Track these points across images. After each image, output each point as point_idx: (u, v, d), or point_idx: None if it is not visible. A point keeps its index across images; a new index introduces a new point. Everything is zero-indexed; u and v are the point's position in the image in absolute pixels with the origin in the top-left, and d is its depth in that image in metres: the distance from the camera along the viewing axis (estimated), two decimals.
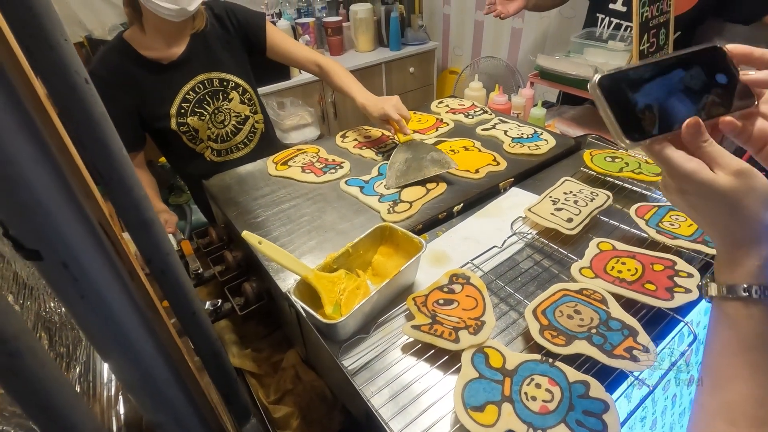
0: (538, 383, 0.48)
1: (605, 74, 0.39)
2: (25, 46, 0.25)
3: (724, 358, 0.36)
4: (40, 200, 0.26)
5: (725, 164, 0.35)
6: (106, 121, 0.28)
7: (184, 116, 1.03)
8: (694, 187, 0.36)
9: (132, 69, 0.97)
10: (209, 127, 1.08)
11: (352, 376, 0.52)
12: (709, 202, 0.36)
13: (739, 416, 0.34)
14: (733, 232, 0.36)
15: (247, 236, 0.59)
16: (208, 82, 1.05)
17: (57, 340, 0.44)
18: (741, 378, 0.35)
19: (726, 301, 0.36)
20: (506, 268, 0.67)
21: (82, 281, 0.30)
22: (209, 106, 1.06)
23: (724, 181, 0.34)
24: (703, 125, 0.36)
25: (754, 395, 0.34)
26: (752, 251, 0.35)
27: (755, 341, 0.35)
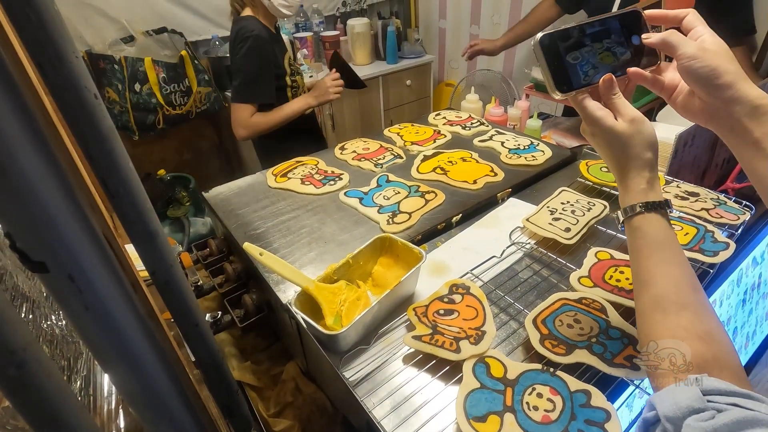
0: (539, 393, 0.48)
1: (545, 33, 0.46)
2: (38, 63, 0.25)
3: (642, 262, 0.44)
4: (48, 213, 0.27)
5: (624, 113, 0.46)
6: (113, 135, 0.29)
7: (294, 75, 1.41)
8: (599, 130, 0.46)
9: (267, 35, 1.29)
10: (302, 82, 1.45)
11: (353, 387, 0.52)
12: (610, 142, 0.46)
13: (667, 304, 0.41)
14: (625, 164, 0.46)
15: (248, 248, 0.59)
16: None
17: (57, 353, 0.43)
18: (658, 274, 0.43)
19: (630, 219, 0.45)
20: (506, 278, 0.67)
21: (87, 293, 0.31)
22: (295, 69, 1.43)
23: (620, 127, 0.45)
24: (615, 81, 0.46)
25: (671, 283, 0.42)
26: (638, 178, 0.45)
27: (660, 241, 0.43)
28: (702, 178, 1.02)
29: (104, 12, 1.88)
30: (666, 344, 0.38)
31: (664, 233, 0.44)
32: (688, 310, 0.40)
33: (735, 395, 0.33)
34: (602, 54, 0.48)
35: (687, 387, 0.35)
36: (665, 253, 0.43)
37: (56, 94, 0.27)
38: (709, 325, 0.40)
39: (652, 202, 0.44)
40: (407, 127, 1.18)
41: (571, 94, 0.47)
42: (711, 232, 0.69)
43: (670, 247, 0.43)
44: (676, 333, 0.39)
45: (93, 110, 0.27)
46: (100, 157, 0.28)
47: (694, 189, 0.82)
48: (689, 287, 0.41)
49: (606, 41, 0.48)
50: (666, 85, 0.48)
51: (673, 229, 0.45)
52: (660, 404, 0.35)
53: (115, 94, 1.88)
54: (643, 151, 0.45)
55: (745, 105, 0.41)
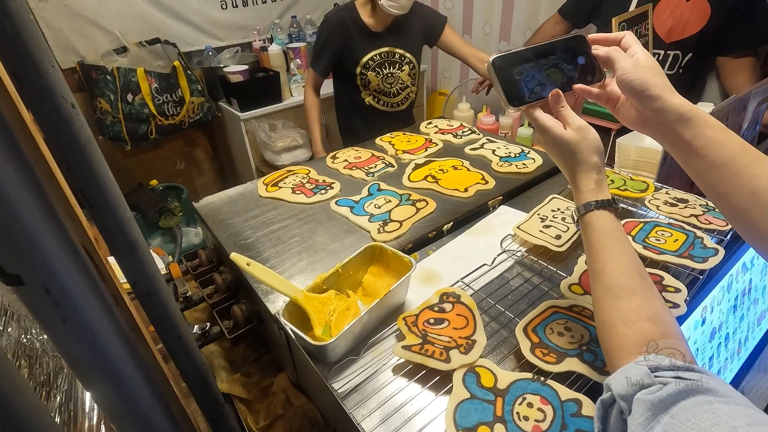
0: (530, 402, 0.47)
1: (498, 55, 0.52)
2: (12, 72, 0.25)
3: (594, 254, 0.48)
4: (24, 225, 0.26)
5: (572, 123, 0.51)
6: (92, 145, 0.28)
7: (366, 69, 1.48)
8: (550, 139, 0.52)
9: (351, 25, 1.42)
10: (379, 84, 1.51)
11: (342, 399, 0.51)
12: (560, 149, 0.51)
13: (617, 290, 0.45)
14: (574, 167, 0.51)
15: (236, 258, 0.59)
16: (391, 53, 1.49)
17: (38, 367, 0.42)
18: (609, 263, 0.46)
19: (583, 216, 0.50)
20: (496, 286, 0.67)
21: (65, 306, 0.30)
22: (386, 69, 1.50)
23: (568, 135, 0.50)
24: (562, 95, 0.52)
25: (621, 271, 0.46)
26: (587, 179, 0.50)
27: (610, 234, 0.48)
28: (691, 185, 1.02)
29: (97, 23, 1.88)
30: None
31: (612, 227, 0.48)
32: (636, 294, 0.44)
33: (678, 369, 0.36)
34: (550, 72, 0.53)
35: (636, 366, 0.38)
36: (614, 245, 0.47)
37: (32, 104, 0.26)
38: (656, 308, 0.43)
39: (601, 200, 0.49)
40: (399, 135, 1.18)
41: (523, 107, 0.52)
42: (700, 238, 0.69)
43: (618, 239, 0.48)
44: (627, 316, 0.43)
45: (70, 120, 0.27)
46: (78, 167, 0.28)
47: (683, 195, 0.82)
48: (637, 274, 0.45)
49: (554, 61, 0.53)
50: (609, 97, 0.54)
51: (620, 223, 0.49)
52: (614, 384, 0.38)
53: (108, 105, 1.87)
54: (590, 156, 0.50)
55: (673, 113, 0.46)
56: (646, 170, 0.99)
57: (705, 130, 0.45)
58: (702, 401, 0.32)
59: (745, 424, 0.30)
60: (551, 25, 1.64)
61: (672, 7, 1.31)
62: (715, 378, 0.35)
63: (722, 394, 0.33)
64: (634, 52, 0.50)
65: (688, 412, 0.32)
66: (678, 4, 1.30)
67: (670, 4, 1.31)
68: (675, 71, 1.36)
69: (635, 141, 1.03)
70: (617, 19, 1.06)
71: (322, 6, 2.46)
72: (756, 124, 1.07)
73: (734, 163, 0.43)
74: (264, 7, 2.29)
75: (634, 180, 0.88)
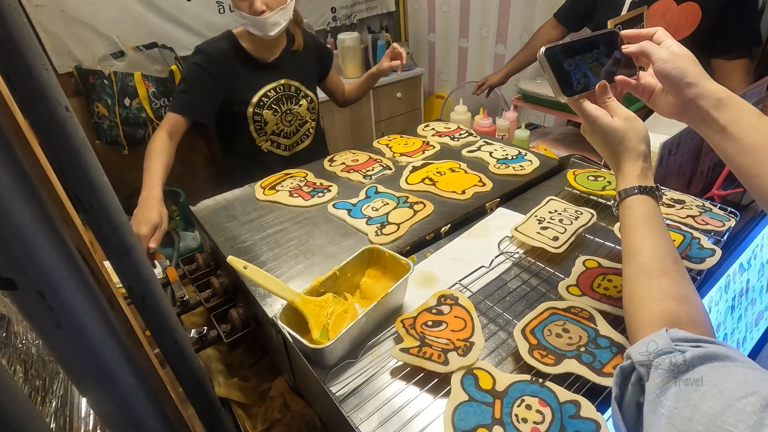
0: (528, 404, 0.47)
1: (549, 46, 0.54)
2: (5, 76, 0.25)
3: (633, 234, 0.50)
4: (18, 229, 0.26)
5: (619, 113, 0.53)
6: (86, 148, 0.28)
7: (261, 108, 1.22)
8: (598, 128, 0.54)
9: (233, 57, 1.17)
10: (277, 123, 1.26)
11: (340, 402, 0.51)
12: (607, 137, 0.53)
13: (650, 270, 0.46)
14: (622, 155, 0.53)
15: (233, 261, 0.58)
16: (286, 87, 1.26)
17: (33, 373, 0.42)
18: (645, 245, 0.48)
19: (626, 200, 0.52)
20: (494, 287, 0.67)
21: (59, 311, 0.30)
22: (283, 105, 1.26)
23: (617, 124, 0.53)
24: (608, 86, 0.55)
25: (656, 253, 0.47)
26: (633, 166, 0.52)
27: (649, 218, 0.50)
28: (688, 186, 1.03)
29: (94, 28, 1.88)
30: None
31: (653, 212, 0.50)
32: (667, 276, 0.45)
33: (699, 341, 0.37)
34: (593, 65, 0.57)
35: (658, 336, 0.39)
36: (652, 228, 0.49)
37: (26, 107, 0.26)
38: (685, 290, 0.45)
39: (646, 186, 0.51)
40: (396, 138, 1.18)
41: (574, 97, 0.55)
42: (697, 239, 0.69)
43: (657, 223, 0.49)
44: (655, 294, 0.45)
45: (64, 123, 0.27)
46: (72, 170, 0.28)
47: (680, 196, 0.83)
48: (670, 258, 0.47)
49: (596, 54, 0.57)
50: (645, 89, 0.57)
51: (660, 210, 0.51)
52: (634, 353, 0.39)
53: (105, 109, 1.87)
54: (638, 144, 0.52)
55: (710, 98, 0.49)
56: None
57: (741, 114, 0.48)
58: (720, 366, 0.34)
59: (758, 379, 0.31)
60: (547, 29, 1.64)
61: (663, 11, 1.31)
62: (734, 349, 0.36)
63: (740, 362, 0.34)
64: (668, 44, 0.52)
65: (702, 372, 0.33)
66: (669, 8, 1.31)
67: (661, 8, 1.32)
68: None
69: None
70: (612, 21, 1.06)
71: (319, 10, 2.46)
72: None
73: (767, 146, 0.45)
74: None
75: None
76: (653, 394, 0.35)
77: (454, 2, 2.43)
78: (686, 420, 0.31)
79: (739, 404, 0.29)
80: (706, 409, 0.30)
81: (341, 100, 1.49)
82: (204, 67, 1.11)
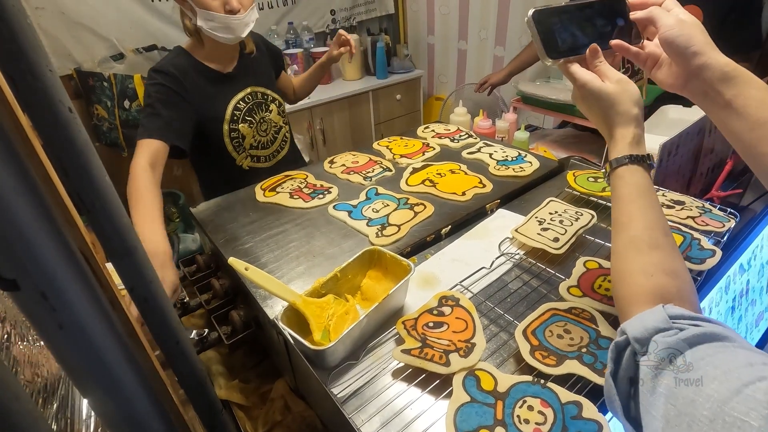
0: (530, 405, 0.47)
1: (537, 9, 0.52)
2: (9, 76, 0.25)
3: (624, 207, 0.48)
4: (21, 229, 0.26)
5: (610, 76, 0.51)
6: (89, 149, 0.28)
7: (236, 122, 1.13)
8: (588, 92, 0.51)
9: (193, 73, 1.07)
10: (254, 135, 1.18)
11: (341, 404, 0.51)
12: (599, 102, 0.51)
13: (640, 243, 0.45)
14: (614, 119, 0.50)
15: (234, 263, 0.58)
16: (253, 95, 1.18)
17: (35, 374, 0.42)
18: (636, 218, 0.47)
19: (617, 170, 0.49)
20: (495, 289, 0.67)
21: (61, 311, 0.30)
22: (256, 115, 1.18)
23: (608, 87, 0.50)
24: (600, 50, 0.53)
25: (647, 227, 0.46)
26: (626, 132, 0.50)
27: (641, 190, 0.48)
28: (687, 187, 1.03)
29: (94, 30, 1.88)
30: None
31: (645, 183, 0.48)
32: (658, 250, 0.44)
33: (696, 319, 0.36)
34: (589, 29, 0.54)
35: (653, 312, 0.38)
36: (644, 200, 0.47)
37: (29, 108, 0.26)
38: (676, 264, 0.44)
39: (638, 155, 0.49)
40: (396, 140, 1.18)
41: (560, 61, 0.53)
42: (697, 239, 0.70)
43: (649, 195, 0.48)
44: (646, 268, 0.44)
45: (67, 124, 0.27)
46: (75, 171, 0.28)
47: (679, 197, 0.83)
48: (661, 231, 0.46)
49: (592, 18, 0.54)
50: (648, 58, 0.54)
51: (651, 182, 0.49)
52: (630, 328, 0.38)
53: (104, 111, 1.87)
54: (631, 107, 0.50)
55: (716, 70, 0.47)
56: None
57: (748, 89, 0.45)
58: (718, 346, 0.33)
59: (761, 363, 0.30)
60: None
61: None
62: (732, 329, 0.35)
63: (739, 343, 0.33)
64: (677, 12, 0.50)
65: (703, 352, 0.33)
66: None
67: None
68: None
69: None
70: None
71: (318, 12, 2.47)
72: None
73: None
74: (261, 13, 2.30)
75: None
76: (650, 373, 0.35)
77: (453, 4, 2.44)
78: (688, 402, 0.30)
79: (748, 390, 0.28)
80: (710, 392, 0.29)
81: (292, 98, 1.42)
82: (169, 86, 0.99)
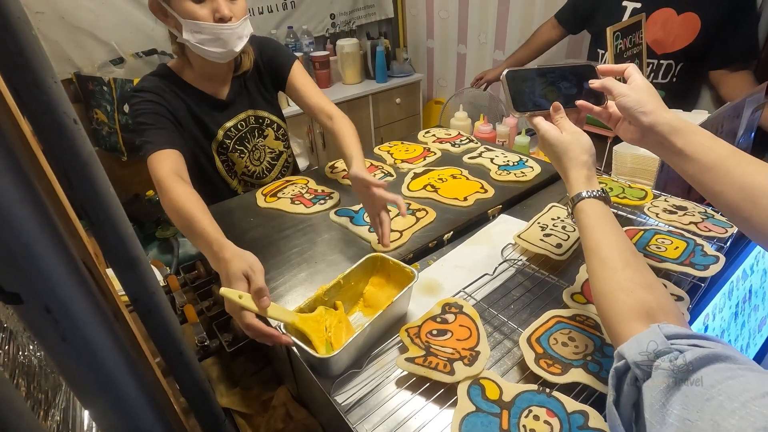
0: (536, 415, 0.47)
1: (511, 70, 0.62)
2: (13, 88, 0.25)
3: (589, 234, 0.53)
4: (25, 243, 0.26)
5: (567, 128, 0.59)
6: (94, 161, 0.28)
7: (225, 151, 1.03)
8: (548, 141, 0.59)
9: (181, 95, 0.95)
10: (246, 165, 1.07)
11: (345, 413, 0.51)
12: (555, 149, 0.59)
13: (612, 262, 0.48)
14: (567, 164, 0.58)
15: (226, 293, 0.55)
16: (247, 121, 1.05)
17: (35, 386, 0.41)
18: (602, 241, 0.51)
19: (578, 205, 0.55)
20: (499, 295, 0.67)
21: (65, 324, 0.29)
22: (249, 143, 1.06)
23: (563, 137, 0.58)
24: (561, 107, 0.61)
25: (614, 248, 0.50)
26: (579, 174, 0.57)
27: (600, 217, 0.53)
28: (688, 192, 1.03)
29: (94, 35, 1.88)
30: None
31: (603, 211, 0.54)
32: (630, 267, 0.47)
33: (693, 337, 0.37)
34: (555, 90, 0.63)
35: (649, 333, 0.38)
36: (606, 226, 0.52)
37: (34, 120, 0.26)
38: (650, 278, 0.47)
39: (593, 190, 0.55)
40: (397, 145, 1.18)
41: (526, 114, 0.62)
42: (701, 245, 0.69)
43: (610, 221, 0.53)
44: (623, 285, 0.46)
45: (73, 136, 0.27)
46: (80, 183, 0.28)
47: (681, 203, 0.83)
48: (629, 251, 0.49)
49: (562, 82, 0.63)
50: (611, 117, 0.64)
51: (610, 210, 0.54)
52: (628, 352, 0.38)
53: (104, 116, 1.87)
54: (581, 154, 0.57)
55: (665, 125, 0.54)
56: (642, 177, 1.00)
57: (695, 137, 0.52)
58: (724, 368, 0.33)
59: None
60: (547, 29, 1.67)
61: (663, 20, 1.32)
62: (730, 347, 0.36)
63: (742, 362, 0.34)
64: (634, 79, 0.59)
65: (711, 378, 0.32)
66: (669, 17, 1.32)
67: (661, 17, 1.33)
68: (669, 80, 1.37)
69: (631, 149, 1.03)
70: (611, 28, 1.07)
71: (318, 16, 2.47)
72: (751, 131, 1.08)
73: (724, 164, 0.49)
74: (260, 17, 2.30)
75: (633, 188, 0.89)
76: (657, 402, 0.34)
77: (452, 8, 2.44)
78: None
79: None
80: (729, 428, 0.29)
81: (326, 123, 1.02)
82: (156, 102, 0.89)
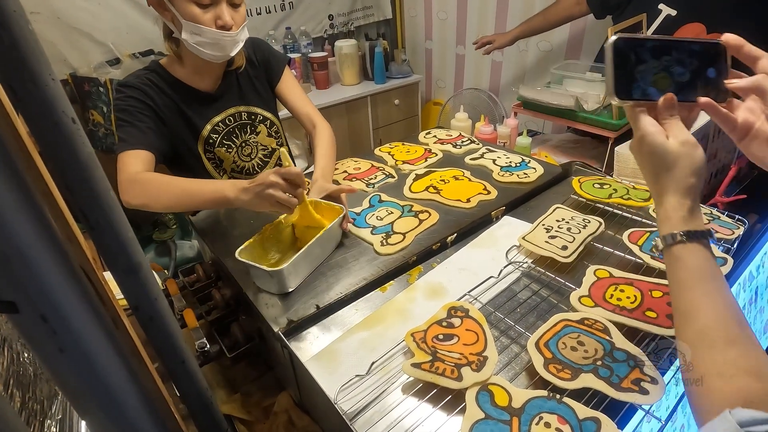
0: (547, 422, 0.46)
1: (622, 37, 0.45)
2: (8, 85, 0.23)
3: (684, 294, 0.42)
4: (20, 249, 0.24)
5: (678, 134, 0.44)
6: (94, 162, 0.27)
7: (212, 146, 1.02)
8: (648, 146, 0.45)
9: (168, 91, 0.96)
10: (235, 160, 1.06)
11: (350, 420, 0.49)
12: (656, 160, 0.45)
13: (713, 339, 0.39)
14: (667, 184, 0.44)
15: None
16: (237, 116, 1.05)
17: (30, 395, 0.40)
18: (703, 306, 0.40)
19: (671, 248, 0.43)
20: (505, 299, 0.66)
21: (62, 334, 0.28)
22: (237, 138, 1.05)
23: (670, 145, 0.44)
24: (676, 102, 0.45)
25: (718, 318, 0.40)
26: (678, 203, 0.43)
27: (704, 273, 0.42)
28: None
29: (90, 35, 1.86)
30: None
31: (706, 264, 0.42)
32: (735, 345, 0.38)
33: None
34: (672, 73, 0.46)
35: (721, 422, 0.34)
36: (709, 286, 0.41)
37: (31, 120, 0.25)
38: (758, 360, 0.38)
39: (696, 231, 0.42)
40: (398, 146, 1.17)
41: (629, 103, 0.47)
42: None
43: (714, 279, 0.41)
44: (723, 369, 0.37)
45: (71, 136, 0.25)
46: (79, 186, 0.26)
47: None
48: (735, 321, 0.39)
49: (680, 63, 0.46)
50: (739, 125, 0.45)
51: (715, 260, 0.43)
52: None
53: (100, 117, 1.85)
54: (688, 176, 0.43)
55: None
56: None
57: None
58: None
59: None
60: (570, 3, 1.52)
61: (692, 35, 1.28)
62: None
63: None
64: None
65: None
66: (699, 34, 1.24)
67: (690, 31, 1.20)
68: None
69: None
70: (612, 29, 1.07)
71: (316, 17, 2.46)
72: None
73: None
74: (258, 18, 2.29)
75: (638, 189, 0.88)
76: None
77: (450, 9, 2.44)
78: None
79: None
80: None
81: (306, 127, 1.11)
82: (139, 99, 0.90)
